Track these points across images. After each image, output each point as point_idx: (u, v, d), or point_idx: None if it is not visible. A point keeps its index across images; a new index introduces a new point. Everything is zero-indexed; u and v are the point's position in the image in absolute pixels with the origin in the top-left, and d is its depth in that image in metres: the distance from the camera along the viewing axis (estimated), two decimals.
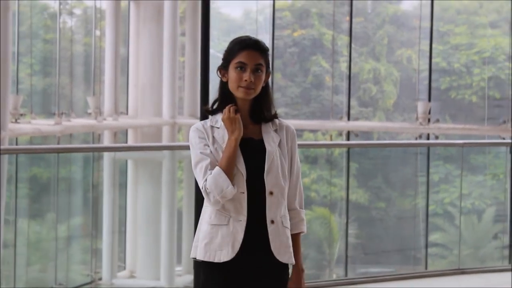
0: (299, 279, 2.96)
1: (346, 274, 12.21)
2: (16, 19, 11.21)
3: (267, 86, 2.96)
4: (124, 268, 11.58)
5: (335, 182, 16.28)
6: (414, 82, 16.15)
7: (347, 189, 14.26)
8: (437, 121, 12.50)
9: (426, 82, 13.53)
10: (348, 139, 13.08)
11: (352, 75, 14.55)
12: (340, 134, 13.56)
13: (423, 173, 13.69)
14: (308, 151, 16.92)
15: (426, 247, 10.26)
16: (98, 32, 13.02)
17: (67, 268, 11.07)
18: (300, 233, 3.00)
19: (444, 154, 16.04)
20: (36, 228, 11.70)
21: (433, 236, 13.86)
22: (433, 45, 13.25)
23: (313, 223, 15.33)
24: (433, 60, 13.78)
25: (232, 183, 2.82)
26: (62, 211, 11.70)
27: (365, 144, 14.80)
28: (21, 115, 9.82)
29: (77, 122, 11.12)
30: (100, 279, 10.41)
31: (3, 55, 8.19)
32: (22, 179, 11.43)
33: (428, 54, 13.27)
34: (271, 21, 14.09)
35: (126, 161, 11.82)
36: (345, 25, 16.53)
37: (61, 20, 12.71)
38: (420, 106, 12.20)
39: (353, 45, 15.40)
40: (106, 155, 10.81)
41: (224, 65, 2.95)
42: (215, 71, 3.00)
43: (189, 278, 10.43)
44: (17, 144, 10.52)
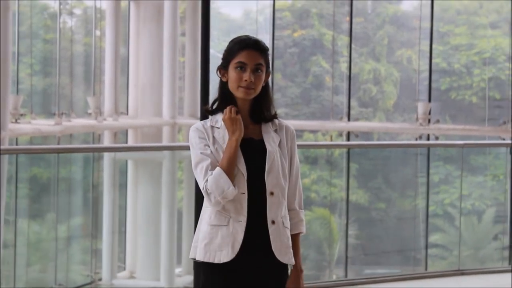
0: (298, 279, 2.96)
1: (346, 275, 12.19)
2: (16, 19, 11.21)
3: (267, 86, 2.95)
4: (124, 269, 11.57)
5: (335, 182, 16.27)
6: (414, 82, 16.15)
7: (347, 189, 14.25)
8: (437, 121, 12.49)
9: (426, 82, 13.53)
10: (348, 139, 13.08)
11: (352, 75, 14.54)
12: (340, 135, 13.56)
13: (423, 174, 13.68)
14: (308, 152, 16.91)
15: (426, 248, 10.24)
16: (98, 32, 13.02)
17: (67, 268, 11.07)
18: (299, 234, 2.99)
19: (444, 155, 16.03)
20: (36, 228, 11.69)
21: (433, 237, 13.84)
22: (433, 46, 13.25)
23: (313, 224, 15.32)
24: (433, 61, 13.78)
25: (233, 183, 2.81)
26: (62, 211, 11.70)
27: (365, 145, 14.81)
28: (21, 115, 9.82)
29: (77, 122, 11.11)
30: (100, 279, 10.40)
31: (3, 55, 8.18)
32: (22, 179, 11.42)
33: (428, 54, 13.27)
34: (271, 21, 14.08)
35: (126, 162, 11.81)
36: (345, 26, 16.54)
37: (61, 20, 12.71)
38: (420, 107, 12.20)
39: (353, 46, 15.39)
40: (106, 155, 10.80)
41: (224, 65, 2.93)
42: (215, 71, 2.99)
43: (189, 278, 10.42)
44: (17, 144, 10.52)
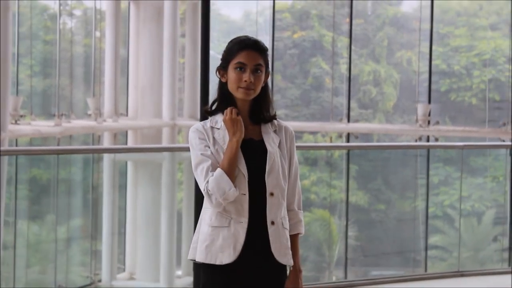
0: (296, 280, 2.95)
1: (346, 276, 12.18)
2: (16, 20, 11.21)
3: (266, 86, 2.94)
4: (124, 270, 11.56)
5: (335, 184, 16.27)
6: (414, 84, 16.15)
7: (347, 191, 14.24)
8: (437, 123, 12.49)
9: (426, 84, 13.53)
10: (348, 141, 13.08)
11: (352, 77, 14.53)
12: (340, 136, 13.57)
13: (423, 175, 13.67)
14: (308, 153, 16.91)
15: (426, 249, 10.23)
16: (98, 33, 13.02)
17: (66, 269, 11.06)
18: (298, 234, 2.99)
19: (444, 156, 16.02)
20: (35, 230, 11.68)
21: (433, 239, 13.83)
22: (433, 47, 13.25)
23: (313, 225, 15.32)
24: (433, 62, 13.79)
25: (233, 184, 2.80)
26: (62, 213, 11.69)
27: (365, 146, 14.79)
28: (21, 116, 9.82)
29: (77, 124, 11.11)
30: (100, 280, 10.40)
31: (3, 56, 8.18)
32: (21, 180, 11.42)
33: (428, 56, 13.27)
34: (271, 23, 14.08)
35: (126, 163, 11.81)
36: (345, 27, 16.55)
37: (61, 21, 12.72)
38: (420, 108, 12.20)
39: (353, 47, 15.39)
40: (106, 156, 10.80)
41: (223, 65, 2.92)
42: (215, 72, 2.98)
43: (188, 280, 10.41)
44: (17, 145, 10.52)
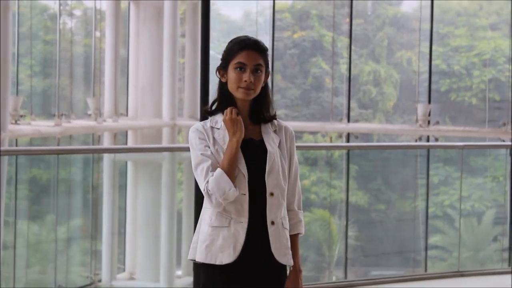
0: (296, 280, 2.95)
1: (346, 276, 12.18)
2: (16, 20, 11.21)
3: (266, 86, 2.93)
4: (124, 270, 11.56)
5: (335, 184, 16.27)
6: (414, 84, 16.15)
7: (347, 191, 14.24)
8: (437, 123, 12.48)
9: (426, 84, 13.53)
10: (348, 141, 13.08)
11: (352, 77, 14.53)
12: (340, 136, 13.56)
13: (423, 175, 13.67)
14: (308, 153, 16.91)
15: (426, 249, 10.23)
16: (98, 33, 13.02)
17: (66, 269, 11.06)
18: (298, 234, 2.98)
19: (444, 156, 16.03)
20: (35, 230, 11.68)
21: (433, 239, 13.83)
22: (433, 47, 13.24)
23: (313, 225, 15.32)
24: (433, 62, 13.79)
25: (234, 184, 2.80)
26: (62, 213, 11.69)
27: (365, 146, 14.80)
28: (21, 116, 9.82)
29: (77, 124, 11.11)
30: (100, 280, 10.40)
31: (3, 56, 8.18)
32: (21, 180, 11.42)
33: (428, 56, 13.27)
34: (271, 23, 14.08)
35: (126, 163, 11.81)
36: (345, 27, 16.54)
37: (61, 21, 12.72)
38: (420, 108, 12.19)
39: (353, 47, 15.39)
40: (106, 156, 10.80)
41: (223, 65, 2.91)
42: (215, 72, 2.98)
43: (188, 280, 10.41)
44: (17, 145, 10.52)
